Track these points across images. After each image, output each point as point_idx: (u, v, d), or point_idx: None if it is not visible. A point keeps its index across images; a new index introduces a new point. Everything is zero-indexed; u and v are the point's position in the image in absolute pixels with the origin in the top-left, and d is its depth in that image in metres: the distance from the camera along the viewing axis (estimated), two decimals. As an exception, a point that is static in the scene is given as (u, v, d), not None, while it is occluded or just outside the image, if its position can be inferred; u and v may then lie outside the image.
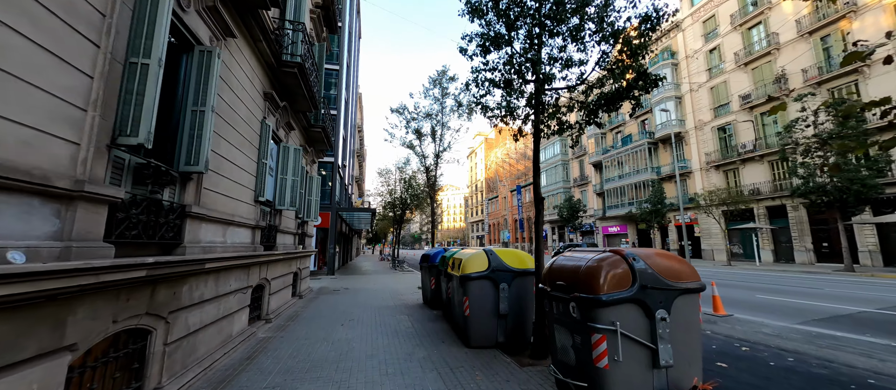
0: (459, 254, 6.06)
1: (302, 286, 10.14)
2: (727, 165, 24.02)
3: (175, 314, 3.56)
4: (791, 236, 20.45)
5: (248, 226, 5.56)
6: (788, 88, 20.56)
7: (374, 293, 10.95)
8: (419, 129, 14.22)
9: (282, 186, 7.24)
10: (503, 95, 6.12)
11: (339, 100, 19.92)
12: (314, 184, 10.59)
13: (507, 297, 5.25)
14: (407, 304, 8.93)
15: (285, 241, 7.96)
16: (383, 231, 47.24)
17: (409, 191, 25.02)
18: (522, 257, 5.57)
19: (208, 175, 4.14)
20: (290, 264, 8.53)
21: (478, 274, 5.21)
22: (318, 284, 13.36)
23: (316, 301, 9.35)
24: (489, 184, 74.80)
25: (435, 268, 8.26)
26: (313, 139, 10.10)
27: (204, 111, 3.71)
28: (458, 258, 5.81)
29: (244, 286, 5.47)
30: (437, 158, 14.05)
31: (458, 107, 14.06)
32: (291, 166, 7.50)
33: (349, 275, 17.78)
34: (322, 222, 18.15)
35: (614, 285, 3.01)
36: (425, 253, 9.13)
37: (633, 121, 33.15)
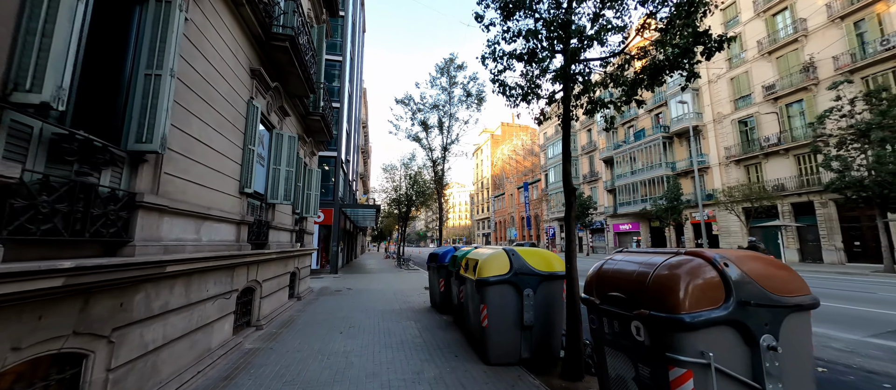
0: (475, 254, 5.27)
1: (301, 287, 9.44)
2: (748, 160, 22.85)
3: (124, 331, 2.82)
4: (819, 234, 19.30)
5: (232, 221, 4.82)
6: (817, 77, 19.34)
7: (377, 294, 10.22)
8: (425, 121, 13.41)
9: (275, 178, 6.50)
10: (525, 72, 5.29)
11: (341, 92, 19.21)
12: (314, 178, 9.86)
13: (532, 305, 4.44)
14: (413, 308, 8.18)
15: (280, 239, 7.24)
16: (388, 228, 46.65)
17: (415, 188, 24.29)
18: (549, 258, 4.76)
19: (173, 158, 3.40)
20: (287, 264, 7.81)
21: (498, 278, 4.42)
22: (319, 284, 12.68)
23: (315, 303, 8.64)
24: (495, 182, 73.82)
25: (444, 269, 7.49)
26: (312, 129, 9.35)
27: (160, 75, 2.94)
28: (474, 259, 5.01)
29: (227, 290, 4.74)
30: (445, 151, 13.25)
31: (466, 98, 13.21)
32: (286, 156, 6.76)
33: (353, 274, 17.10)
34: (324, 219, 17.50)
35: (701, 300, 2.19)
36: (433, 251, 8.36)
37: (646, 115, 31.98)
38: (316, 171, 10.03)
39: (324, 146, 11.26)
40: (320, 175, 10.43)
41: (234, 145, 4.91)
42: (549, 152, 46.07)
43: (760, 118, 22.34)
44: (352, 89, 24.10)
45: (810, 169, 19.90)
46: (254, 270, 5.74)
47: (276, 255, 6.51)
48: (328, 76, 19.34)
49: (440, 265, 7.61)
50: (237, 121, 4.97)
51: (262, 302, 6.28)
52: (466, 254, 6.41)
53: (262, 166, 6.27)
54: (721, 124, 24.83)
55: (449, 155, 13.48)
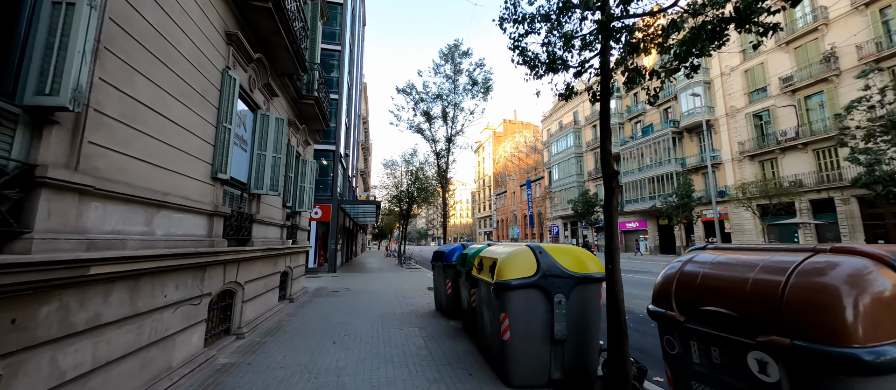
0: (490, 252, 4.46)
1: (294, 287, 8.65)
2: (764, 155, 21.97)
3: (19, 358, 2.02)
4: (839, 232, 18.44)
5: (201, 211, 4.02)
6: (839, 68, 18.44)
7: (377, 295, 9.43)
8: (428, 111, 12.59)
9: (260, 165, 5.69)
10: (547, 42, 4.48)
11: (340, 83, 18.39)
12: (308, 169, 9.06)
13: (564, 315, 3.64)
14: (417, 312, 7.38)
15: (267, 235, 6.44)
16: (389, 226, 45.92)
17: (417, 184, 23.50)
18: (581, 257, 3.94)
19: (106, 125, 2.59)
20: (276, 262, 7.02)
21: (523, 281, 3.61)
22: (315, 284, 11.90)
23: (309, 306, 7.85)
24: (497, 179, 72.99)
25: (451, 269, 6.68)
26: (305, 115, 8.54)
27: (74, 5, 2.13)
28: (491, 257, 4.20)
29: (195, 295, 3.94)
30: (450, 143, 12.43)
31: (472, 86, 12.38)
32: (273, 140, 5.95)
33: (352, 273, 16.32)
34: (322, 215, 16.72)
35: (883, 325, 1.38)
36: (439, 250, 7.55)
37: (654, 110, 31.09)
38: (311, 163, 9.23)
39: (319, 136, 10.45)
40: (315, 167, 9.63)
41: (205, 121, 4.10)
42: (552, 149, 45.21)
43: (776, 111, 21.45)
44: (351, 82, 23.29)
45: (830, 164, 19.02)
46: (233, 270, 4.95)
47: (261, 253, 5.71)
48: (326, 66, 18.53)
49: (447, 264, 6.81)
50: (208, 93, 4.16)
51: (245, 306, 5.49)
52: (479, 251, 5.60)
53: (243, 151, 5.47)
54: (734, 118, 23.94)
55: (454, 147, 12.65)
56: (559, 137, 43.66)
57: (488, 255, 4.36)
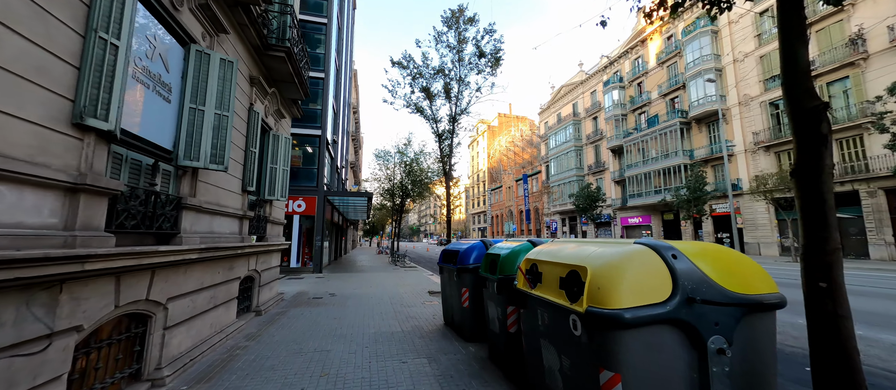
0: (558, 253, 2.71)
1: (263, 296, 6.81)
2: (780, 146, 20.75)
3: None
4: (865, 227, 17.30)
5: (46, 183, 2.19)
6: (867, 51, 17.19)
7: (369, 303, 7.65)
8: (428, 88, 10.79)
9: (193, 124, 3.84)
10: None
11: (326, 61, 16.40)
12: (282, 148, 7.20)
13: (727, 376, 1.92)
14: (420, 328, 5.64)
15: (213, 228, 4.59)
16: (381, 222, 44.02)
17: (411, 177, 21.73)
18: (739, 264, 2.22)
19: None
20: (232, 266, 5.18)
21: (649, 312, 1.88)
22: (296, 287, 10.05)
23: (280, 321, 6.03)
24: (492, 175, 71.50)
25: (469, 275, 4.96)
26: (275, 74, 6.64)
27: None
28: (565, 262, 2.45)
29: (44, 333, 2.12)
30: (454, 122, 10.67)
31: (479, 59, 10.60)
32: (216, 91, 4.09)
33: (340, 273, 14.48)
34: (307, 209, 14.81)
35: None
36: (449, 248, 5.82)
37: (660, 100, 29.76)
38: (285, 140, 7.36)
39: (298, 110, 8.56)
40: (291, 145, 7.75)
41: (56, 21, 2.26)
42: (550, 142, 43.78)
43: (795, 99, 20.17)
44: (340, 63, 21.27)
45: (855, 154, 17.83)
46: (138, 283, 3.11)
47: (199, 255, 3.88)
48: (311, 41, 16.49)
49: (462, 268, 5.06)
50: (62, -29, 2.31)
51: (171, 334, 3.66)
52: (518, 251, 3.88)
53: (165, 101, 3.61)
54: (748, 107, 22.69)
55: (458, 128, 10.88)
56: (558, 130, 42.23)
57: (556, 259, 2.62)
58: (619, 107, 33.55)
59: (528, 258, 3.10)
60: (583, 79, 40.23)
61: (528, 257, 3.11)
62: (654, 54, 30.58)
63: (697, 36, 25.43)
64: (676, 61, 28.31)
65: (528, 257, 3.11)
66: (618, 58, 34.90)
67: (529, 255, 3.12)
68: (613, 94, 34.10)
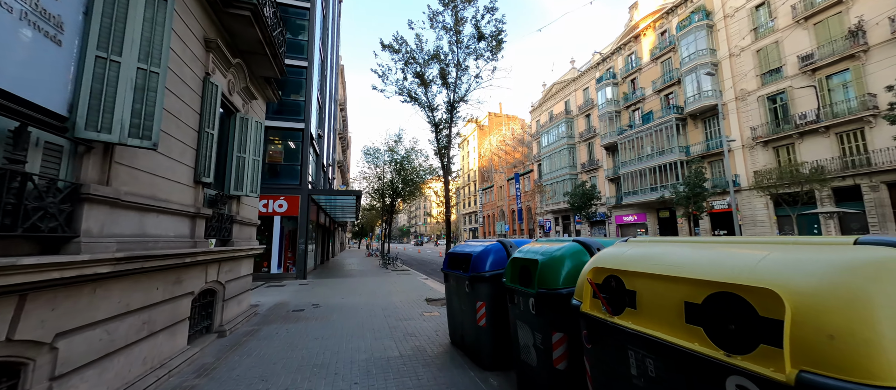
0: (700, 261, 1.67)
1: (226, 313, 5.60)
2: (779, 140, 20.41)
3: None
4: (867, 222, 16.99)
5: None
6: (867, 43, 16.91)
7: (358, 315, 6.51)
8: (422, 74, 9.71)
9: (101, 76, 2.67)
10: None
11: (310, 50, 15.17)
12: (252, 134, 6.03)
13: None
14: (422, 349, 4.56)
15: (144, 228, 3.41)
16: (371, 223, 42.65)
17: (402, 175, 20.60)
18: None
19: None
20: (179, 279, 3.99)
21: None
22: (274, 297, 8.82)
23: (245, 347, 4.85)
24: (483, 174, 70.77)
25: (486, 285, 3.93)
26: (241, 42, 5.45)
27: None
28: (729, 281, 1.39)
29: None
30: (453, 109, 9.61)
31: (478, 41, 9.58)
32: (140, 36, 2.92)
33: (327, 279, 13.25)
34: (289, 209, 13.54)
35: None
36: (458, 250, 4.76)
37: (655, 96, 29.37)
38: (257, 125, 6.18)
39: (273, 90, 7.36)
40: (263, 131, 6.56)
41: None
42: (542, 140, 43.20)
43: (794, 93, 19.89)
44: (325, 54, 20.00)
45: (856, 148, 17.54)
46: (26, 315, 1.95)
47: (113, 266, 2.71)
48: (292, 27, 15.21)
49: (476, 276, 4.01)
50: None
51: (75, 379, 2.49)
52: (563, 254, 2.85)
53: (49, 40, 2.44)
54: (745, 102, 22.35)
55: (457, 116, 9.82)
56: (550, 128, 41.66)
57: (671, 270, 1.58)
58: (613, 104, 33.10)
59: (599, 265, 2.06)
60: (575, 76, 39.76)
61: (599, 265, 2.07)
62: (648, 50, 30.20)
63: (692, 30, 25.06)
64: (671, 57, 27.95)
65: (599, 265, 2.07)
66: (611, 54, 34.49)
67: (601, 262, 2.08)
68: (607, 91, 33.64)
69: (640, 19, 30.97)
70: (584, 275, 2.17)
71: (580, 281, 2.23)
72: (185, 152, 4.13)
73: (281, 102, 14.92)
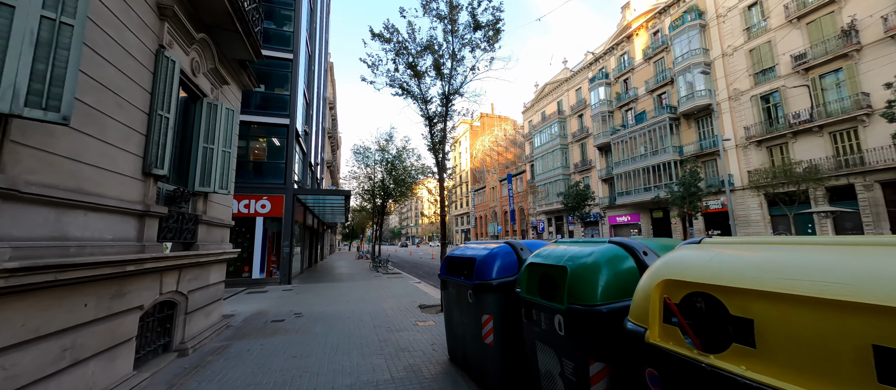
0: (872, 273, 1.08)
1: (189, 328, 4.85)
2: (773, 140, 20.37)
3: None
4: (861, 221, 16.96)
5: None
6: (860, 42, 16.92)
7: (345, 326, 5.81)
8: (415, 64, 9.07)
9: (5, 31, 1.97)
10: None
11: (295, 41, 14.39)
12: (223, 123, 5.31)
13: None
14: (417, 368, 3.91)
15: (63, 229, 2.69)
16: (361, 225, 41.70)
17: (393, 175, 19.89)
18: None
19: None
20: (119, 290, 3.26)
21: None
22: (253, 306, 8.03)
23: (207, 371, 4.12)
24: (475, 175, 70.37)
25: (492, 295, 3.32)
26: (206, 17, 4.72)
27: None
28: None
29: None
30: (448, 102, 8.99)
31: (474, 30, 8.99)
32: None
33: (313, 284, 12.48)
34: (272, 209, 12.72)
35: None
36: (456, 254, 4.14)
37: (648, 96, 29.28)
38: (228, 113, 5.45)
39: (249, 76, 6.62)
40: (235, 120, 5.83)
41: None
42: (535, 141, 42.96)
43: (787, 92, 19.87)
44: (312, 49, 19.19)
45: (850, 147, 17.52)
46: None
47: (5, 280, 2.00)
48: (277, 18, 14.41)
49: (481, 284, 3.39)
50: None
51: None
52: (598, 260, 2.22)
53: None
54: (738, 101, 22.31)
55: (452, 110, 9.21)
56: (542, 128, 41.42)
57: (830, 291, 0.98)
58: (606, 104, 32.97)
59: (676, 277, 1.46)
60: (567, 76, 39.61)
61: (675, 276, 1.46)
62: (641, 50, 30.14)
63: (685, 30, 25.00)
64: (664, 57, 27.90)
65: (675, 276, 1.46)
66: (603, 54, 34.40)
67: (678, 271, 1.48)
68: (599, 91, 33.51)
69: (633, 19, 30.91)
70: (647, 290, 1.56)
71: (640, 297, 1.62)
72: (129, 137, 3.41)
73: (265, 97, 14.12)
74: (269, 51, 13.85)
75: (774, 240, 1.42)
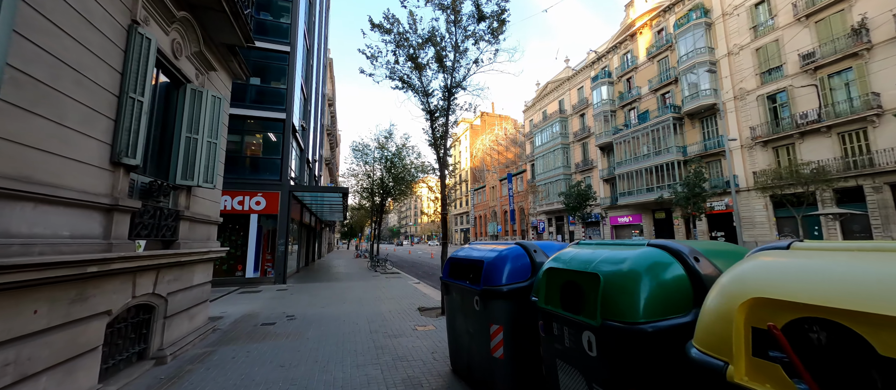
0: None
1: (169, 333, 4.46)
2: (779, 140, 20.01)
3: None
4: (869, 224, 16.62)
5: None
6: (871, 41, 16.56)
7: (339, 331, 5.43)
8: (416, 56, 8.67)
9: None
10: None
11: (293, 33, 13.98)
12: (209, 111, 4.92)
13: None
14: (417, 381, 3.53)
15: (22, 224, 2.30)
16: (360, 223, 41.33)
17: (393, 172, 19.50)
18: None
19: None
20: (79, 293, 2.88)
21: None
22: (244, 307, 7.64)
23: (184, 382, 3.74)
24: (475, 174, 69.98)
25: (503, 303, 2.93)
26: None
27: None
28: None
29: None
30: (450, 95, 8.60)
31: (478, 21, 8.59)
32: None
33: (309, 283, 12.09)
34: (267, 206, 12.33)
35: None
36: (459, 256, 3.76)
37: (651, 96, 28.91)
38: (215, 100, 5.06)
39: (239, 64, 6.22)
40: (220, 107, 5.43)
41: None
42: (536, 140, 42.58)
43: (794, 92, 19.51)
44: (310, 43, 18.77)
45: (859, 149, 17.17)
46: None
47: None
48: (274, 9, 14.00)
49: (490, 290, 3.02)
50: None
51: None
52: (636, 268, 1.81)
53: None
54: (744, 101, 21.95)
55: (455, 103, 8.81)
56: (543, 127, 41.04)
57: None
58: (608, 104, 32.59)
59: (772, 295, 1.07)
60: (569, 75, 39.22)
61: (771, 294, 1.08)
62: (644, 48, 29.75)
63: (690, 28, 24.62)
64: (668, 56, 27.52)
65: (771, 294, 1.08)
66: (606, 53, 34.01)
67: (776, 289, 1.09)
68: (602, 90, 33.13)
69: (637, 17, 30.52)
70: (724, 310, 1.18)
71: (712, 318, 1.23)
72: (93, 121, 3.01)
73: (260, 90, 13.70)
74: (265, 42, 13.44)
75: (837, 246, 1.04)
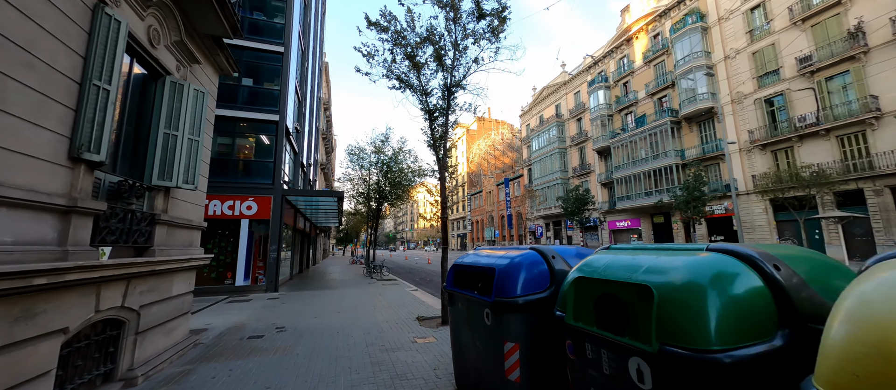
0: None
1: (142, 351, 4.01)
2: (778, 144, 19.95)
3: None
4: (871, 227, 16.50)
5: None
6: (868, 44, 16.58)
7: (332, 344, 5.00)
8: (414, 55, 8.35)
9: None
10: None
11: (287, 33, 13.64)
12: (190, 106, 4.53)
13: None
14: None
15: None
16: (355, 229, 40.74)
17: (389, 177, 19.13)
18: None
19: None
20: (26, 309, 2.45)
21: None
22: (231, 318, 7.17)
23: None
24: (471, 179, 69.70)
25: (520, 318, 2.55)
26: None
27: None
28: None
29: None
30: (450, 94, 8.27)
31: (477, 19, 8.31)
32: None
33: (302, 291, 11.61)
34: (259, 211, 11.87)
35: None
36: (465, 262, 3.39)
37: (648, 100, 28.90)
38: (197, 95, 4.67)
39: (227, 59, 5.84)
40: (203, 102, 5.04)
41: None
42: (533, 145, 42.45)
43: (791, 95, 19.49)
44: (306, 44, 18.45)
45: (858, 151, 17.11)
46: None
47: None
48: (268, 9, 13.66)
49: (503, 303, 2.63)
50: None
51: None
52: (698, 276, 1.43)
53: None
54: (741, 105, 21.92)
55: (454, 102, 8.49)
56: (540, 132, 40.93)
57: None
58: (605, 108, 32.56)
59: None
60: (566, 79, 39.26)
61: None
62: (641, 53, 29.81)
63: (687, 33, 24.67)
64: (664, 60, 27.57)
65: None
66: (602, 57, 34.07)
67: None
68: (599, 95, 33.11)
69: (633, 22, 30.63)
70: (879, 347, 0.81)
71: (858, 354, 0.87)
72: (47, 109, 2.61)
73: (253, 91, 13.30)
74: (259, 43, 13.09)
75: None
